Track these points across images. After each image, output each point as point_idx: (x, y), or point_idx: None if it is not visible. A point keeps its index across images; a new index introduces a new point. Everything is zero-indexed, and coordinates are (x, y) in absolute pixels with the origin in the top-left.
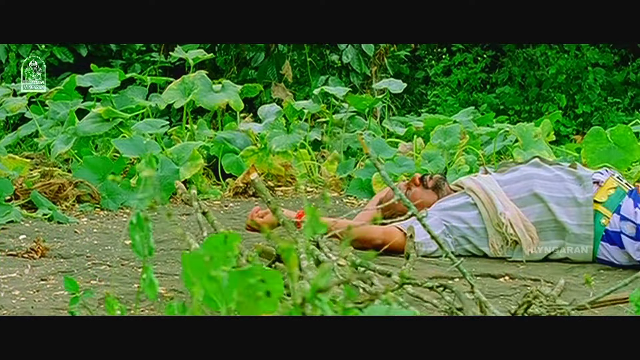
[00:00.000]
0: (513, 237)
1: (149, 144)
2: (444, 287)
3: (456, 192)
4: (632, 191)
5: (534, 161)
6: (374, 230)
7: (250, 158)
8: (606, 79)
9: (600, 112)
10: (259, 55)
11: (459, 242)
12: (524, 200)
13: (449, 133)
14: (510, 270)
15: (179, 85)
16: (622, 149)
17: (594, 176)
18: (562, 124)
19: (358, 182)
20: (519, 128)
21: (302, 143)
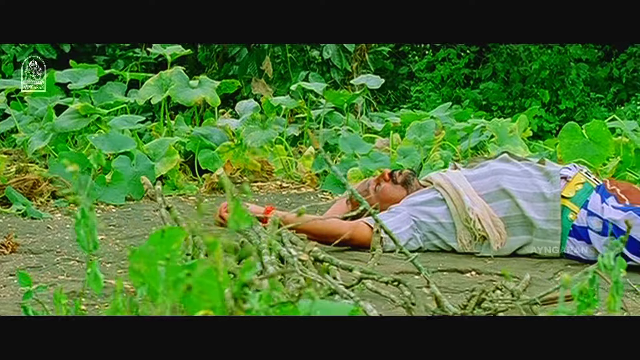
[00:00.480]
0: (481, 233)
1: (125, 139)
2: (398, 282)
3: (425, 188)
4: (600, 186)
5: (502, 157)
6: (342, 226)
7: (226, 154)
8: (589, 74)
9: (583, 108)
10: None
11: (427, 237)
12: (492, 195)
13: (424, 129)
14: (477, 265)
15: (156, 81)
16: (597, 144)
17: (561, 172)
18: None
19: (333, 177)
20: (494, 123)
21: (278, 139)
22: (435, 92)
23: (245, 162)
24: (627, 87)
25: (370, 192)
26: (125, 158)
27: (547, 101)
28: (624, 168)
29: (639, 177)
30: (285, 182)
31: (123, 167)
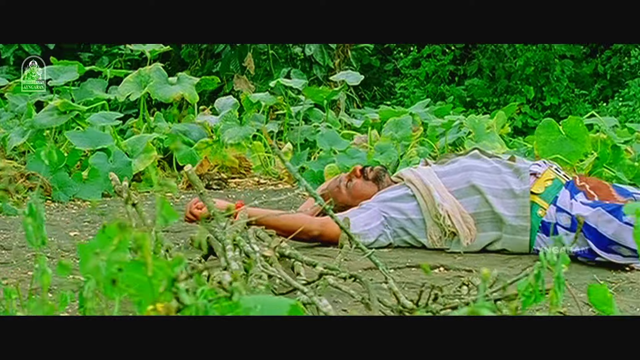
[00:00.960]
0: (451, 229)
1: (102, 136)
2: (354, 278)
3: (396, 184)
4: (569, 183)
5: (473, 153)
6: (311, 222)
7: (204, 150)
8: (575, 70)
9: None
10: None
11: (397, 233)
12: (462, 191)
13: (401, 125)
14: (446, 261)
15: (135, 78)
16: (573, 140)
17: (531, 168)
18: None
19: (310, 173)
20: (472, 120)
21: (257, 135)
22: (420, 88)
23: (223, 158)
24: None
25: (341, 188)
26: (102, 154)
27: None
28: (600, 164)
29: (615, 174)
30: (263, 178)
31: (100, 164)
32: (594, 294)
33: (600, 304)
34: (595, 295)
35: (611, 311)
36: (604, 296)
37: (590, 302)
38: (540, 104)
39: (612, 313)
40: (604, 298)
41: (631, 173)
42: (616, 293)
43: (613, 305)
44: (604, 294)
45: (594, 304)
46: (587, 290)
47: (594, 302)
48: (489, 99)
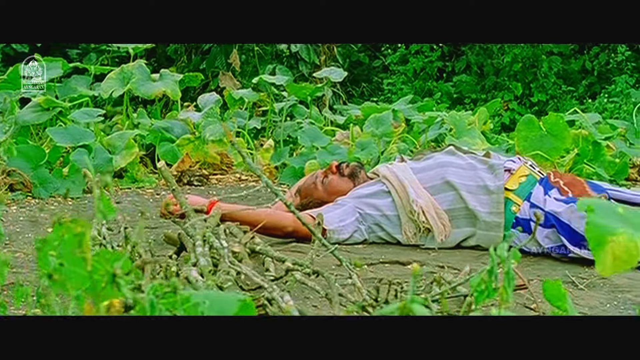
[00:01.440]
0: (425, 225)
1: (84, 132)
2: (317, 274)
3: (372, 180)
4: (543, 179)
5: (448, 149)
6: (285, 218)
7: (186, 147)
8: (563, 67)
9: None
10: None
11: (372, 229)
12: (436, 188)
13: (382, 121)
14: (419, 257)
15: (118, 75)
16: (554, 137)
17: (505, 164)
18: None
19: (291, 170)
20: (453, 116)
21: (239, 131)
22: (407, 85)
23: (204, 154)
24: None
25: (317, 184)
26: (83, 151)
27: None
28: (581, 160)
29: (595, 170)
30: (244, 174)
31: (81, 160)
32: (548, 290)
33: (555, 300)
34: (550, 291)
35: (565, 307)
36: (559, 292)
37: (545, 298)
38: (528, 100)
39: (566, 309)
40: (559, 294)
41: (612, 169)
42: (587, 289)
43: (567, 301)
44: (559, 289)
45: (549, 300)
46: (542, 286)
47: (549, 297)
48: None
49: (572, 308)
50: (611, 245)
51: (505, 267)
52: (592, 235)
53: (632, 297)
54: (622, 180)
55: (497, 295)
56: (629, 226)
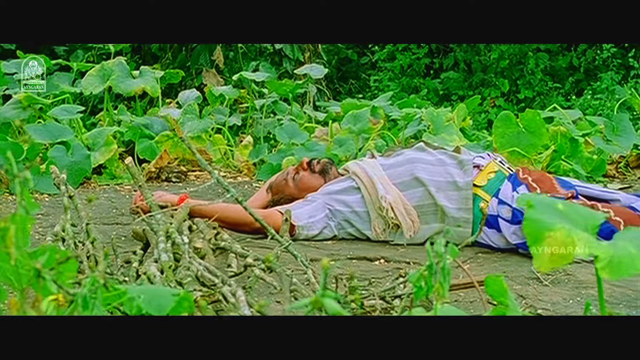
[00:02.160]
0: (394, 221)
1: (62, 129)
2: (270, 270)
3: (342, 177)
4: (512, 175)
5: (418, 145)
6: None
7: (165, 143)
8: (550, 64)
9: (542, 97)
10: None
11: (342, 225)
12: (405, 184)
13: (359, 118)
14: (387, 253)
15: (99, 72)
16: (530, 133)
17: (474, 160)
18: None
19: (269, 166)
20: (430, 113)
21: (219, 128)
22: (394, 82)
23: (183, 151)
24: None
25: (288, 181)
26: (62, 148)
27: (507, 90)
28: (558, 157)
29: (572, 166)
30: (223, 171)
31: (59, 157)
32: (490, 285)
33: (497, 295)
34: (492, 287)
35: (507, 302)
36: (500, 287)
37: (487, 293)
38: (515, 97)
39: (507, 305)
40: (501, 289)
41: (589, 166)
42: (552, 285)
43: (509, 297)
44: (500, 285)
45: (492, 295)
46: (485, 281)
47: (491, 293)
48: (464, 92)
49: (514, 303)
50: (548, 241)
51: (442, 263)
52: (530, 231)
53: (595, 293)
54: (600, 177)
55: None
56: (568, 222)
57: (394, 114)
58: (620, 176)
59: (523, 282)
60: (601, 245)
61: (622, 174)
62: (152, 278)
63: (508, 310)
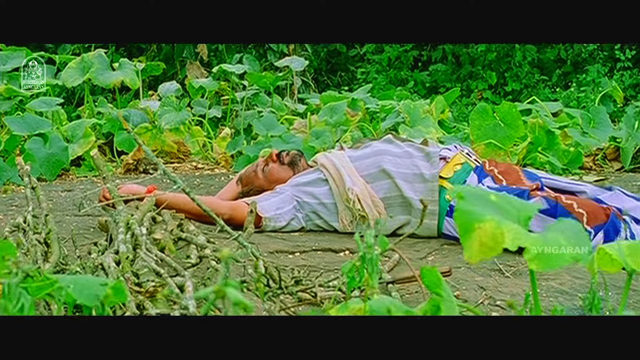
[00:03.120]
0: (360, 213)
1: (40, 121)
2: (217, 260)
3: (311, 169)
4: (478, 167)
5: (386, 138)
6: (221, 206)
7: (143, 135)
8: (538, 56)
9: (529, 89)
10: None
11: (310, 217)
12: (373, 176)
13: (335, 110)
14: (353, 245)
15: (79, 64)
16: (507, 125)
17: (441, 152)
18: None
19: (246, 158)
20: (407, 105)
21: (198, 120)
22: (382, 74)
23: (162, 143)
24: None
25: (258, 172)
26: (39, 139)
27: (494, 83)
28: (535, 149)
29: (548, 158)
30: (201, 163)
31: (36, 149)
32: (426, 276)
33: (433, 287)
34: (427, 278)
35: (442, 294)
36: (436, 278)
37: (424, 284)
38: (503, 89)
39: (442, 295)
40: (436, 280)
41: (566, 158)
42: (513, 277)
43: (444, 288)
44: (435, 276)
45: (428, 286)
46: (420, 272)
47: (427, 284)
48: (452, 84)
49: (449, 295)
50: (478, 232)
51: (369, 254)
52: (461, 222)
53: (556, 285)
54: (576, 169)
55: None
56: (499, 213)
57: (372, 107)
58: (598, 168)
59: (485, 274)
60: (530, 237)
61: (600, 166)
62: (107, 269)
63: (443, 301)
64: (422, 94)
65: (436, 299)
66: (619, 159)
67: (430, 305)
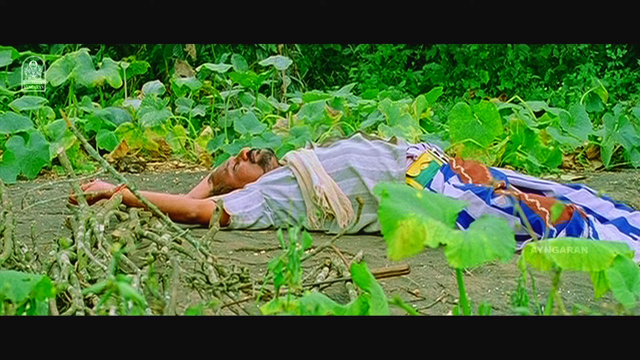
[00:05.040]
0: (328, 211)
1: (22, 120)
2: (166, 257)
3: (281, 167)
4: (445, 165)
5: (355, 136)
6: (188, 204)
7: (125, 134)
8: (531, 55)
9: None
10: None
11: (278, 215)
12: (340, 174)
13: (315, 109)
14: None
15: (62, 63)
16: (485, 124)
17: (408, 151)
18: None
19: (226, 157)
20: (386, 104)
21: (181, 119)
22: (375, 73)
23: (143, 142)
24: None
25: (229, 171)
26: (19, 138)
27: (487, 82)
28: (514, 148)
29: (527, 157)
30: (182, 162)
31: (16, 147)
32: (356, 273)
33: (363, 283)
34: (357, 275)
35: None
36: (365, 275)
37: (354, 281)
38: (495, 88)
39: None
40: (366, 277)
41: (545, 157)
42: (474, 275)
43: (373, 284)
44: (364, 272)
45: (358, 283)
46: (351, 269)
47: (357, 281)
48: (445, 83)
49: (379, 291)
50: (400, 230)
51: (290, 252)
52: (384, 220)
53: (514, 282)
54: (555, 168)
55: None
56: (422, 210)
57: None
58: (578, 167)
59: (446, 272)
60: (451, 234)
61: (580, 165)
62: (61, 266)
63: (371, 298)
64: (416, 92)
65: (365, 296)
66: (599, 158)
67: (359, 303)
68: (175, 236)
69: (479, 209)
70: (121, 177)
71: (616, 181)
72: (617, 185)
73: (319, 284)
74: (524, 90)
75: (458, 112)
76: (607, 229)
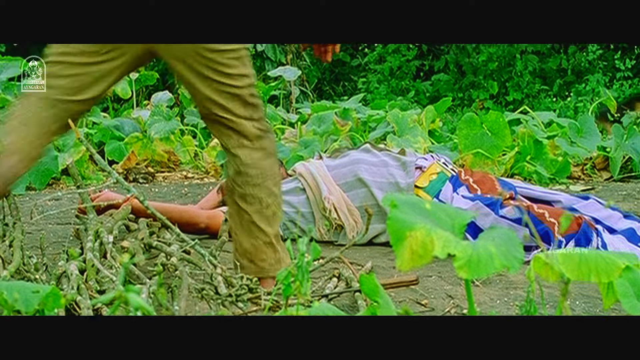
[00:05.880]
0: (337, 221)
1: None
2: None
3: (290, 177)
4: (453, 176)
5: (364, 147)
6: (198, 215)
7: (134, 144)
8: (540, 65)
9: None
10: None
11: (287, 226)
12: (349, 184)
13: (324, 120)
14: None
15: None
16: (494, 135)
17: (417, 161)
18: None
19: None
20: (395, 115)
21: (191, 130)
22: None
23: (152, 152)
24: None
25: None
26: None
27: (496, 92)
28: (522, 159)
29: (535, 168)
30: (191, 172)
31: None
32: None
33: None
34: (366, 286)
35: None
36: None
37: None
38: (504, 99)
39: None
40: (374, 288)
41: (553, 167)
42: (483, 285)
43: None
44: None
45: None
46: (359, 279)
47: (366, 292)
48: (454, 94)
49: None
50: (409, 240)
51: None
52: (392, 230)
53: (523, 293)
54: (564, 179)
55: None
56: (431, 221)
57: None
58: (586, 177)
59: (455, 282)
60: (460, 245)
61: (588, 176)
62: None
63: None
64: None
65: (374, 307)
66: (608, 169)
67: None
68: (184, 247)
69: (488, 220)
70: (130, 188)
71: (625, 192)
72: (625, 196)
73: (327, 295)
74: (533, 100)
75: (467, 123)
76: (615, 240)
